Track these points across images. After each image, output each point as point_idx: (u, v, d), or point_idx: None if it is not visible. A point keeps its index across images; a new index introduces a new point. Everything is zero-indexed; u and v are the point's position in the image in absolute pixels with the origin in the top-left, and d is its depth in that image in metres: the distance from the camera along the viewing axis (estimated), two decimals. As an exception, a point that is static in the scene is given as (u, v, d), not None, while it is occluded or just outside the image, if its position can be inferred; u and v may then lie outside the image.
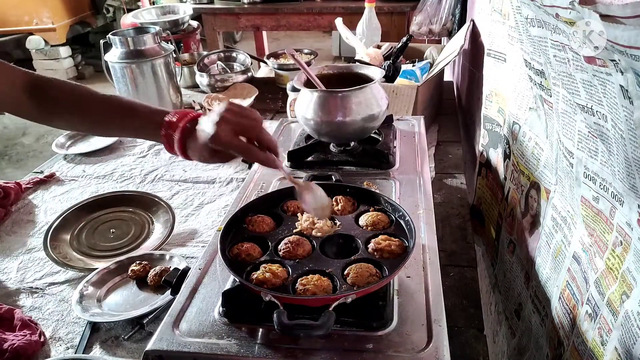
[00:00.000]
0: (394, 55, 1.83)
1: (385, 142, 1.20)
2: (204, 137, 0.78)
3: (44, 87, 0.91)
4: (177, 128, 0.83)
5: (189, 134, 0.83)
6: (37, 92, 0.90)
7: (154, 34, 1.86)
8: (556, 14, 0.62)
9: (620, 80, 0.51)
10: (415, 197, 1.00)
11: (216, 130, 0.76)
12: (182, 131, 0.83)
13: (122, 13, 4.68)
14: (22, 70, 0.91)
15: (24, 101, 0.90)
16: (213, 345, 0.67)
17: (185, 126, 0.83)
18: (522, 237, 1.03)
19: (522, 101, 1.03)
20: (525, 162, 1.01)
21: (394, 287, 0.76)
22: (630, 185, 0.56)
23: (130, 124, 0.90)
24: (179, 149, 0.84)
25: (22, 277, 1.16)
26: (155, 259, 1.16)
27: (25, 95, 0.90)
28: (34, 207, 1.44)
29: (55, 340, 0.98)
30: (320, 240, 0.82)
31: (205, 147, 0.80)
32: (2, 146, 4.22)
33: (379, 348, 0.65)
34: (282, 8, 3.23)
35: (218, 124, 0.76)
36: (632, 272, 0.58)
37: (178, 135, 0.83)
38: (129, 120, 0.89)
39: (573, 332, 0.74)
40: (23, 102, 0.90)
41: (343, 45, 5.46)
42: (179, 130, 0.83)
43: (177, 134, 0.83)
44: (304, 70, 1.12)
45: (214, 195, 1.44)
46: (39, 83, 0.91)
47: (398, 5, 2.98)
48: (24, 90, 0.90)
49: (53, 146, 1.75)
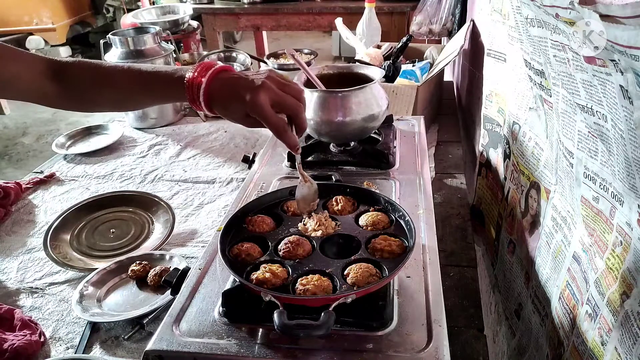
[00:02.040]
0: (394, 55, 1.83)
1: (385, 142, 1.20)
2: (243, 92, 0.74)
3: (65, 69, 0.88)
4: (201, 84, 0.78)
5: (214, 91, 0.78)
6: (60, 77, 0.87)
7: (154, 34, 1.85)
8: (556, 14, 0.62)
9: (620, 80, 0.51)
10: (415, 197, 1.00)
11: (256, 96, 0.72)
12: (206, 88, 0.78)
13: (122, 13, 4.68)
14: (41, 57, 0.88)
15: (49, 88, 0.87)
16: (213, 345, 0.67)
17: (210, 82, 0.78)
18: (522, 237, 1.03)
19: (522, 101, 1.03)
20: (525, 162, 1.01)
21: (394, 287, 0.76)
22: (630, 185, 0.56)
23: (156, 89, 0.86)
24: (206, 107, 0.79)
25: (22, 277, 1.16)
26: (155, 259, 1.16)
27: (49, 81, 0.86)
28: (34, 207, 1.44)
29: (55, 340, 0.98)
30: (320, 240, 0.82)
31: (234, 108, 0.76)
32: (2, 146, 4.22)
33: (379, 348, 0.65)
34: (282, 8, 3.23)
35: (259, 88, 0.73)
36: (632, 272, 0.58)
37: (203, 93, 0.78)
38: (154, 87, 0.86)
39: (573, 332, 0.74)
40: (48, 89, 0.87)
41: (343, 45, 5.46)
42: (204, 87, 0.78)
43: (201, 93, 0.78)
44: (304, 70, 1.12)
45: (214, 195, 1.44)
46: (60, 67, 0.87)
47: (398, 5, 2.98)
48: (47, 77, 0.86)
49: (53, 146, 1.75)
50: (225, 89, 0.78)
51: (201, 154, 1.69)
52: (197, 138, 1.80)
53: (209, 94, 0.78)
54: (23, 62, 0.85)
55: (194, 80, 0.79)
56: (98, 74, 0.88)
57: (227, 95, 0.78)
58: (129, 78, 0.86)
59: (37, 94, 0.89)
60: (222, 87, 0.78)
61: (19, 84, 0.86)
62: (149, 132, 1.86)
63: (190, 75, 0.80)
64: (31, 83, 0.86)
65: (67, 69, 0.88)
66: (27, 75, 0.85)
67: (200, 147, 1.74)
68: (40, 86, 0.87)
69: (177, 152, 1.71)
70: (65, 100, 0.90)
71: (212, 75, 0.79)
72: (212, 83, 0.78)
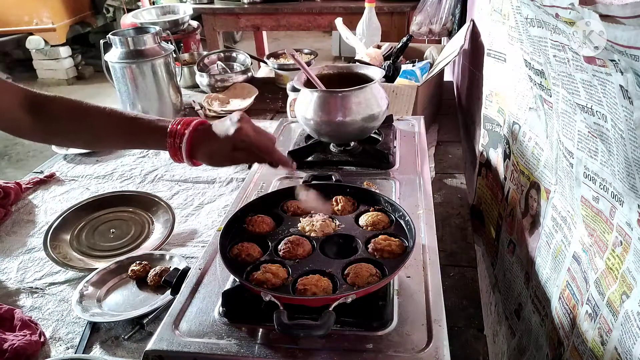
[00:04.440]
0: (394, 55, 1.83)
1: (385, 142, 1.20)
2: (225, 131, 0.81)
3: (44, 103, 0.89)
4: (184, 135, 0.84)
5: (197, 140, 0.85)
6: (36, 109, 0.88)
7: (154, 34, 1.86)
8: (556, 14, 0.62)
9: (620, 80, 0.51)
10: (415, 197, 1.00)
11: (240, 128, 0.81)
12: (189, 138, 0.84)
13: (122, 13, 4.69)
14: (19, 87, 0.89)
15: (22, 119, 0.87)
16: (213, 345, 0.67)
17: (192, 133, 0.85)
18: (522, 237, 1.03)
19: (522, 101, 1.03)
20: (525, 162, 1.01)
21: (394, 287, 0.76)
22: (630, 185, 0.56)
23: (135, 136, 0.90)
24: (187, 156, 0.86)
25: (22, 277, 1.16)
26: (155, 259, 1.16)
27: (23, 112, 0.87)
28: (34, 207, 1.44)
29: (55, 340, 0.98)
30: (320, 240, 0.82)
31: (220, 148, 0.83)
32: (2, 146, 4.22)
33: (379, 348, 0.65)
34: (282, 8, 3.23)
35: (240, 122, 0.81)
36: (632, 272, 0.58)
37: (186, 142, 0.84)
38: (134, 132, 0.90)
39: (573, 332, 0.74)
40: (22, 119, 0.88)
41: (343, 45, 5.46)
42: (187, 137, 0.84)
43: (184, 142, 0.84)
44: (304, 70, 1.12)
45: (214, 195, 1.44)
46: (38, 100, 0.89)
47: (398, 5, 2.98)
48: (22, 108, 0.87)
49: (53, 146, 1.75)
50: (208, 134, 0.85)
51: (201, 154, 1.69)
52: (197, 138, 1.80)
53: (191, 144, 0.85)
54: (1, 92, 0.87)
55: (176, 131, 0.85)
56: (77, 112, 0.90)
57: (211, 139, 0.84)
58: (109, 120, 0.90)
59: (10, 124, 0.89)
60: (205, 134, 0.85)
61: None
62: (149, 132, 1.86)
63: (172, 127, 0.85)
64: (6, 113, 0.87)
65: (45, 103, 0.89)
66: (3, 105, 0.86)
67: (200, 147, 1.73)
68: (15, 117, 0.88)
69: (177, 152, 1.70)
70: (39, 133, 0.92)
71: (195, 127, 0.85)
72: (194, 133, 0.85)
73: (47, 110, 0.89)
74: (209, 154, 0.86)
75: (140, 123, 0.89)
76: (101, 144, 1.05)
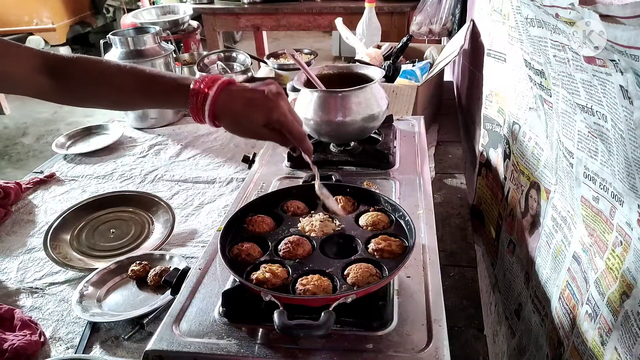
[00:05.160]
0: (394, 55, 1.83)
1: (385, 142, 1.20)
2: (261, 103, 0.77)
3: (64, 65, 0.87)
4: (207, 95, 0.79)
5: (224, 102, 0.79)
6: (57, 72, 0.86)
7: (154, 34, 1.86)
8: (556, 14, 0.62)
9: (620, 80, 0.51)
10: (415, 197, 1.00)
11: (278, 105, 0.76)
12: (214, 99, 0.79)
13: (122, 13, 4.69)
14: (39, 51, 0.87)
15: (43, 83, 0.86)
16: (213, 345, 0.67)
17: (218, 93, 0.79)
18: (522, 237, 1.03)
19: (522, 101, 1.03)
20: (525, 162, 1.01)
21: (394, 287, 0.76)
22: (630, 185, 0.56)
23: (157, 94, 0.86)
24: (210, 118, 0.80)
25: (22, 277, 1.16)
26: (155, 259, 1.16)
27: (44, 76, 0.85)
28: (34, 207, 1.44)
29: (55, 340, 0.98)
30: (320, 240, 0.82)
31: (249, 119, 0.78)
32: (2, 146, 4.22)
33: (379, 348, 0.65)
34: (282, 8, 3.23)
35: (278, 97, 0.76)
36: (632, 272, 0.58)
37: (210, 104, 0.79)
38: (156, 89, 0.86)
39: (573, 332, 0.74)
40: (43, 83, 0.86)
41: (343, 45, 5.46)
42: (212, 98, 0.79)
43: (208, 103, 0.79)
44: (304, 70, 1.12)
45: (214, 195, 1.44)
46: (57, 62, 0.86)
47: (398, 5, 2.98)
48: (42, 72, 0.85)
49: (53, 146, 1.75)
50: (237, 101, 0.79)
51: (201, 154, 1.69)
52: (197, 138, 1.80)
53: (215, 107, 0.79)
54: (15, 57, 0.84)
55: (199, 91, 0.79)
56: (98, 72, 0.88)
57: (241, 107, 0.79)
58: (131, 79, 0.86)
59: (32, 89, 0.87)
60: (234, 100, 0.79)
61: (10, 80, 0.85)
62: (149, 132, 1.86)
63: (195, 86, 0.80)
64: (24, 78, 0.85)
65: (66, 65, 0.87)
66: (19, 71, 0.84)
67: (200, 147, 1.74)
68: (34, 81, 0.86)
69: (177, 152, 1.71)
70: (62, 95, 0.89)
71: (220, 88, 0.79)
72: (220, 96, 0.79)
73: (68, 73, 0.86)
74: (235, 122, 0.81)
75: (160, 82, 0.85)
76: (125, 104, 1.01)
